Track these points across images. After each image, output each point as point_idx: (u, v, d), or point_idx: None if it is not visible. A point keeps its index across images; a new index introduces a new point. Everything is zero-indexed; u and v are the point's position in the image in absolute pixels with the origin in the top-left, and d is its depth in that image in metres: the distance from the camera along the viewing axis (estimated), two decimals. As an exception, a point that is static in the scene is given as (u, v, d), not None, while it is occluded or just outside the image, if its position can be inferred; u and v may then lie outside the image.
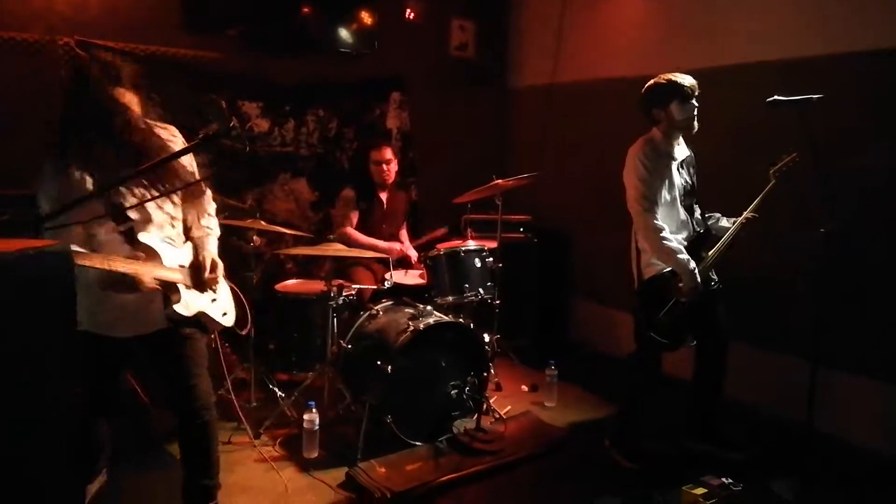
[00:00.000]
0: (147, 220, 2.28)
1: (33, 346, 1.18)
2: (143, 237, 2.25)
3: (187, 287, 2.33)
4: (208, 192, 2.57)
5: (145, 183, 2.23)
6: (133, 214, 2.24)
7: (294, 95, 4.54)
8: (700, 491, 2.75)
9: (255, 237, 3.61)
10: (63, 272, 1.22)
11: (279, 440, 3.29)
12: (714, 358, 3.19)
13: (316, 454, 3.14)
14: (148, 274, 2.16)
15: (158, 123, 2.40)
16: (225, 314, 2.52)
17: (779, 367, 3.65)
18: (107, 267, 2.05)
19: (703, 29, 4.04)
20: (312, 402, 3.17)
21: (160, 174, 2.23)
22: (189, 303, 2.32)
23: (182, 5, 4.00)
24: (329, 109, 4.71)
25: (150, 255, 2.25)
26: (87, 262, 2.02)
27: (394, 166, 4.19)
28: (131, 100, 2.27)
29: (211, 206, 2.56)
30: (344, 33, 4.53)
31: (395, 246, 4.11)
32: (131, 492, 2.78)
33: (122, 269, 2.09)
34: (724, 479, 2.84)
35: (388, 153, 4.14)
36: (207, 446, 2.46)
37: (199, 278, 2.37)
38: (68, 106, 2.33)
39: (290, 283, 3.91)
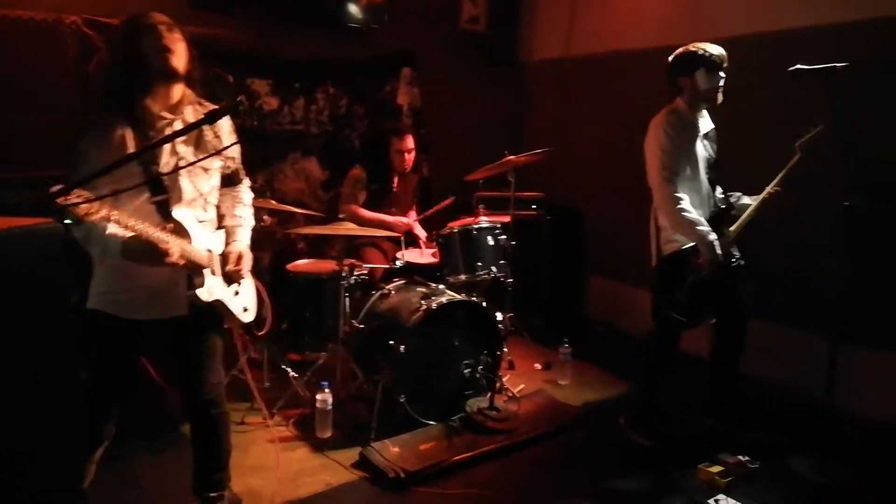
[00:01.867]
0: (179, 195, 2.17)
1: (23, 327, 1.15)
2: (176, 212, 2.14)
3: (213, 273, 2.25)
4: (246, 182, 2.50)
5: (180, 153, 2.15)
6: (167, 186, 2.13)
7: (303, 72, 4.48)
8: (716, 469, 2.74)
9: (265, 217, 3.58)
10: (53, 251, 1.19)
11: (292, 420, 3.30)
12: (733, 336, 3.14)
13: (329, 434, 3.14)
14: (177, 249, 2.03)
15: (208, 104, 2.29)
16: (246, 310, 2.44)
17: (799, 344, 3.59)
18: (143, 233, 1.95)
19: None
20: (325, 382, 3.15)
21: (196, 150, 2.18)
22: (212, 289, 2.24)
23: (189, -19, 3.94)
24: (339, 86, 4.64)
25: (181, 231, 2.13)
26: (118, 224, 1.91)
27: (414, 153, 4.12)
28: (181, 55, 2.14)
29: (247, 196, 2.48)
30: (353, 8, 4.45)
31: (403, 220, 4.06)
32: (146, 473, 2.80)
33: (155, 237, 1.98)
34: (740, 457, 2.82)
35: (411, 142, 4.06)
36: (216, 440, 2.44)
37: (225, 268, 2.30)
38: (114, 59, 2.18)
39: (302, 263, 3.88)
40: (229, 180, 2.42)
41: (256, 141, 4.33)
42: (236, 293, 2.37)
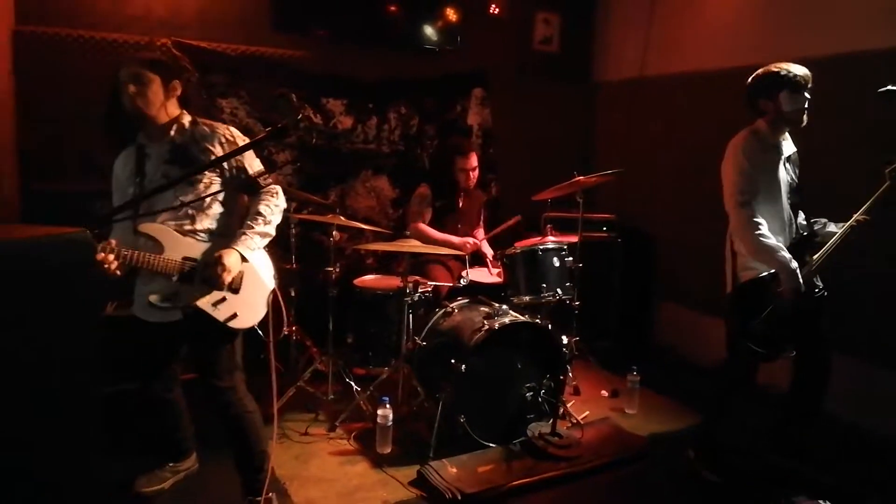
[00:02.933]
0: (157, 209, 2.34)
1: (49, 336, 1.17)
2: (143, 227, 2.33)
3: (180, 281, 2.36)
4: (269, 189, 2.53)
5: (164, 171, 2.40)
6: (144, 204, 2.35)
7: (377, 92, 4.58)
8: (792, 513, 2.57)
9: (334, 232, 3.66)
10: (83, 259, 1.21)
11: (354, 434, 3.32)
12: (815, 371, 2.94)
13: (389, 450, 3.15)
14: (114, 262, 2.22)
15: (206, 121, 2.50)
16: (234, 316, 2.43)
17: (887, 383, 3.34)
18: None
19: (809, 15, 3.75)
20: (386, 398, 3.17)
21: (179, 166, 2.37)
22: (178, 294, 2.36)
23: (271, 6, 4.12)
24: (411, 106, 4.72)
25: (153, 243, 2.34)
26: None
27: (477, 171, 4.14)
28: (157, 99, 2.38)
29: (266, 205, 2.50)
30: (428, 30, 4.55)
31: (469, 240, 4.05)
32: (217, 476, 2.85)
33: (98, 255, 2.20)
34: (819, 502, 2.64)
35: (475, 160, 4.07)
36: (242, 439, 2.51)
37: (206, 273, 2.35)
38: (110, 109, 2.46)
39: (368, 279, 3.93)
40: (249, 188, 2.53)
41: (330, 159, 4.46)
42: (221, 299, 2.39)
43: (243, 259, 2.39)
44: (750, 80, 2.84)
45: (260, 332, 2.56)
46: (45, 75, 3.54)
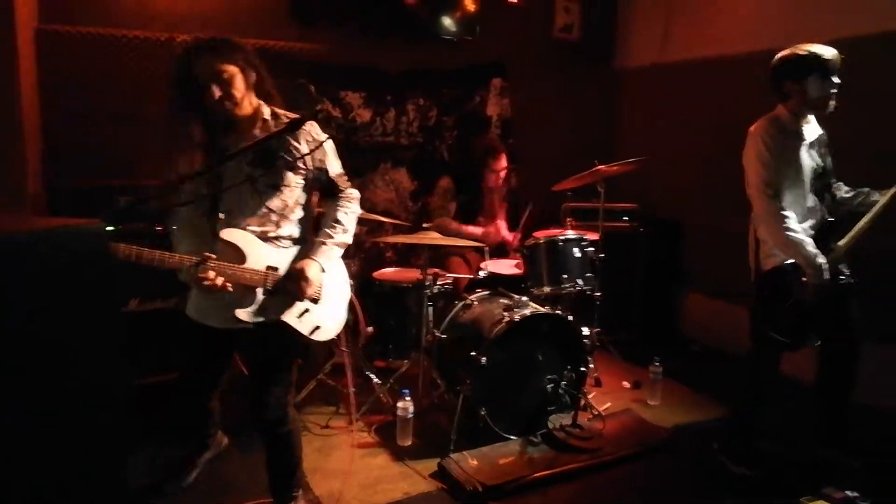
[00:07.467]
0: (241, 212, 2.20)
1: (66, 329, 1.16)
2: (225, 234, 2.17)
3: (266, 293, 2.22)
4: (348, 195, 2.42)
5: (246, 171, 2.16)
6: (223, 207, 2.18)
7: (395, 84, 4.56)
8: (820, 504, 2.51)
9: (354, 225, 3.65)
10: (97, 250, 1.19)
11: (374, 426, 3.33)
12: (842, 361, 2.88)
13: (409, 442, 3.15)
14: (216, 277, 2.07)
15: (288, 114, 2.30)
16: (317, 328, 2.32)
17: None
18: (137, 256, 2.00)
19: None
20: (407, 391, 3.17)
21: (268, 170, 2.17)
22: (262, 309, 2.22)
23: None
24: (429, 98, 4.70)
25: (233, 251, 2.17)
26: (124, 250, 1.98)
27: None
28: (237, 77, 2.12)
29: (344, 213, 2.37)
30: (447, 21, 4.51)
31: (491, 230, 4.04)
32: (233, 470, 2.90)
33: (160, 262, 2.03)
34: (848, 492, 2.57)
35: (505, 160, 4.08)
36: (284, 454, 2.41)
37: (287, 286, 2.23)
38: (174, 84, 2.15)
39: (388, 272, 3.93)
40: (327, 192, 2.40)
41: (349, 152, 4.45)
42: (304, 311, 2.28)
43: (322, 269, 2.28)
44: (776, 60, 2.76)
45: (337, 338, 2.47)
46: (69, 73, 3.56)
